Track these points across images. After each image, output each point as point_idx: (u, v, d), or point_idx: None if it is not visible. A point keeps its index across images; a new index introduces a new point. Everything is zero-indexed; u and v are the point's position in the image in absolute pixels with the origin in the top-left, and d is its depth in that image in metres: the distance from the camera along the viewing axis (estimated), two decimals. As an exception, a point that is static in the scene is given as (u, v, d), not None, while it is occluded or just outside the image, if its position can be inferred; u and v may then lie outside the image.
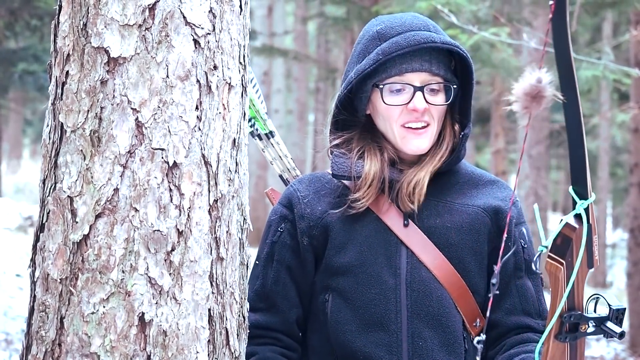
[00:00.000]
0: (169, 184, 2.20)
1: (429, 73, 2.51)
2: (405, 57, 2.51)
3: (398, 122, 2.54)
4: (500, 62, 9.75)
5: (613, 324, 2.14)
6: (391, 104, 2.53)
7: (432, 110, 2.53)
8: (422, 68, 2.51)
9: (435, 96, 2.54)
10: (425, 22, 2.56)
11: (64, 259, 2.20)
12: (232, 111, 2.31)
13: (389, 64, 2.52)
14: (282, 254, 2.61)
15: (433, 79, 2.52)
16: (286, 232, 2.61)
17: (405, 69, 2.51)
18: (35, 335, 2.25)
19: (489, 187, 2.64)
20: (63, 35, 2.25)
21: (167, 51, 2.20)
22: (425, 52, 2.51)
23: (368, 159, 2.57)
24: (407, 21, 2.56)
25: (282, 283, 2.60)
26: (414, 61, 2.51)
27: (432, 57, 2.52)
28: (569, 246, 2.05)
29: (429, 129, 2.54)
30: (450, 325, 2.52)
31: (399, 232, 2.54)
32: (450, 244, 2.54)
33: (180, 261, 2.21)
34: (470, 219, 2.56)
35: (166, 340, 2.19)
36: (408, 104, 2.51)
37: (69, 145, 2.21)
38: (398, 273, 2.52)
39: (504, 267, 2.56)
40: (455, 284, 2.53)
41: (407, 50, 2.48)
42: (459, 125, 2.61)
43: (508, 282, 2.58)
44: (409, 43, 2.49)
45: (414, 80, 2.51)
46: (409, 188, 2.54)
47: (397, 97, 2.53)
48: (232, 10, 2.31)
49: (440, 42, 2.49)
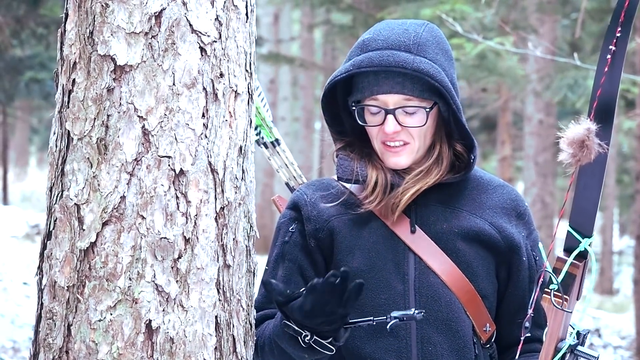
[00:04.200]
0: (175, 192, 2.20)
1: (401, 95, 2.50)
2: (378, 77, 2.48)
3: (378, 139, 2.54)
4: (506, 70, 9.75)
5: (586, 349, 2.21)
6: (367, 124, 2.54)
7: (409, 130, 2.52)
8: (392, 90, 2.48)
9: (411, 117, 2.51)
10: (410, 40, 2.50)
11: (71, 266, 2.21)
12: (238, 119, 2.32)
13: (364, 84, 2.51)
14: (294, 253, 2.59)
15: (407, 101, 2.50)
16: (297, 232, 2.60)
17: (376, 91, 2.49)
18: (42, 343, 2.25)
19: (498, 191, 2.62)
20: (70, 43, 2.25)
21: (173, 59, 2.21)
22: (397, 75, 2.48)
23: (370, 164, 2.57)
24: (393, 37, 2.51)
25: (293, 283, 2.57)
26: (385, 83, 2.48)
27: (406, 78, 2.48)
28: (573, 282, 2.09)
29: (408, 147, 2.52)
30: (459, 330, 2.52)
31: (406, 238, 2.54)
32: (458, 249, 2.54)
33: (187, 268, 2.21)
34: (478, 229, 2.55)
35: (173, 348, 2.20)
36: (382, 125, 2.51)
37: (76, 153, 2.22)
38: (406, 279, 2.52)
39: (519, 284, 2.58)
40: (464, 289, 2.52)
41: (375, 69, 2.46)
42: (464, 147, 2.58)
43: (523, 296, 2.57)
44: (380, 62, 2.46)
45: (388, 102, 2.49)
46: (397, 199, 2.53)
47: (373, 118, 2.52)
48: (238, 17, 2.31)
49: (411, 69, 2.44)
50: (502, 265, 2.57)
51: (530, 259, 2.58)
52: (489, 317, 2.56)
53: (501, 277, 2.58)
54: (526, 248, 2.58)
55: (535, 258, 2.59)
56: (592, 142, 1.90)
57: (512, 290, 2.58)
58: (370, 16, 12.21)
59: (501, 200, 2.61)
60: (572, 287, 2.12)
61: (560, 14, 13.50)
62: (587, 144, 1.89)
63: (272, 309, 2.55)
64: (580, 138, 1.90)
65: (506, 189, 2.64)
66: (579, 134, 1.90)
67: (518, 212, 2.61)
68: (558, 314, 2.17)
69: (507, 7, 10.94)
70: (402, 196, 2.52)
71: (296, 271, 2.58)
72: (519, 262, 2.56)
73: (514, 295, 2.58)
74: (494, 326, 2.57)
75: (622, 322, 14.25)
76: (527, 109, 15.15)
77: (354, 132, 2.62)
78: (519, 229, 2.59)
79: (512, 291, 2.58)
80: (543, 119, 14.71)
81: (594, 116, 1.93)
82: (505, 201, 2.61)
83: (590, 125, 1.89)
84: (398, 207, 2.52)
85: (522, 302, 2.57)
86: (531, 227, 2.63)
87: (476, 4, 9.34)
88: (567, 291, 2.12)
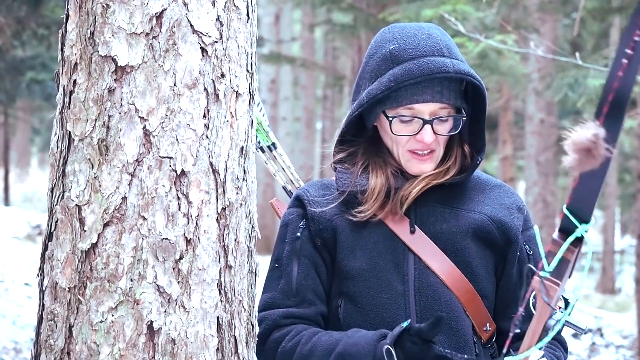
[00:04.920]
0: (177, 192, 2.20)
1: (439, 103, 2.50)
2: (417, 86, 2.49)
3: (406, 147, 2.55)
4: (507, 70, 9.75)
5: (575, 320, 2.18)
6: (399, 133, 2.54)
7: (438, 138, 2.53)
8: (433, 99, 2.49)
9: (443, 125, 2.53)
10: (439, 44, 2.52)
11: (72, 267, 2.20)
12: (239, 119, 2.31)
13: (401, 92, 2.50)
14: (308, 249, 2.60)
15: (443, 110, 2.51)
16: (307, 228, 2.61)
17: (416, 100, 2.49)
18: (44, 344, 2.25)
19: (495, 191, 2.64)
20: (70, 44, 2.25)
21: (174, 59, 2.20)
22: (437, 82, 2.49)
23: (373, 173, 2.57)
24: (422, 43, 2.52)
25: (311, 278, 2.58)
26: (425, 92, 2.49)
27: (444, 86, 2.50)
28: (567, 267, 2.06)
29: (434, 154, 2.56)
30: (460, 330, 2.52)
31: (406, 238, 2.55)
32: (457, 249, 2.55)
33: (189, 269, 2.21)
34: (477, 225, 2.56)
35: (175, 349, 2.19)
36: (416, 135, 2.51)
37: (77, 154, 2.21)
38: (406, 279, 2.53)
39: (509, 278, 2.59)
40: (464, 289, 2.53)
41: (419, 80, 2.47)
42: (469, 146, 2.60)
43: (514, 291, 2.59)
44: (422, 72, 2.46)
45: (424, 112, 2.50)
46: (406, 193, 2.54)
47: (406, 127, 2.53)
48: (239, 18, 2.31)
49: (454, 72, 2.46)
50: (500, 261, 2.58)
51: (522, 253, 2.60)
52: (489, 317, 2.57)
53: (497, 273, 2.60)
54: (520, 242, 2.60)
55: (529, 253, 2.61)
56: (600, 149, 1.87)
57: (503, 284, 2.60)
58: (371, 16, 12.22)
59: (499, 197, 2.63)
60: (564, 272, 2.08)
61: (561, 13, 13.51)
62: (594, 152, 1.86)
63: (298, 309, 2.57)
64: (588, 145, 1.87)
65: (504, 188, 2.68)
66: (586, 141, 1.86)
67: (518, 206, 2.63)
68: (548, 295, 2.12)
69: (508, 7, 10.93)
70: (413, 189, 2.54)
71: (311, 267, 2.60)
72: (512, 256, 2.59)
73: (506, 289, 2.61)
74: (494, 326, 2.59)
75: (624, 322, 14.24)
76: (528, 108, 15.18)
77: (367, 140, 2.63)
78: (519, 222, 2.60)
79: (503, 285, 2.60)
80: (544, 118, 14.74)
81: (604, 120, 1.89)
82: (503, 197, 2.64)
83: (598, 131, 1.85)
84: (407, 199, 2.54)
85: (514, 296, 2.59)
86: (529, 224, 2.65)
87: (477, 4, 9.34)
88: (560, 275, 2.08)
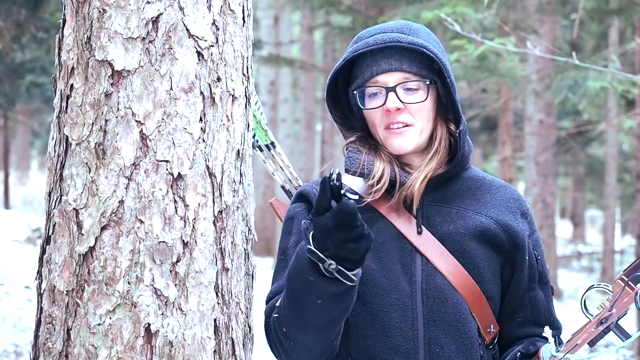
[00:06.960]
0: (173, 196, 2.21)
1: (401, 72, 2.52)
2: (375, 58, 2.53)
3: (381, 125, 2.56)
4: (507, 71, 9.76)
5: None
6: (369, 107, 2.56)
7: (411, 110, 2.53)
8: (391, 68, 2.52)
9: (412, 95, 2.54)
10: (403, 26, 2.59)
11: (70, 270, 2.21)
12: (235, 122, 2.32)
13: (363, 69, 2.55)
14: None
15: (407, 78, 2.53)
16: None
17: (375, 71, 2.53)
18: (42, 347, 2.26)
19: (501, 192, 2.65)
20: (67, 48, 2.26)
21: (170, 64, 2.21)
22: (395, 52, 2.53)
23: (378, 158, 2.58)
24: (386, 26, 2.60)
25: None
26: (382, 62, 2.53)
27: (404, 56, 2.53)
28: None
29: (411, 129, 2.55)
30: (466, 331, 2.53)
31: (413, 239, 2.54)
32: (465, 250, 2.55)
33: (186, 272, 2.22)
34: (483, 228, 2.57)
35: (172, 351, 2.20)
36: (383, 106, 2.53)
37: (74, 158, 2.22)
38: (414, 280, 2.53)
39: (519, 282, 2.60)
40: (470, 290, 2.53)
41: (373, 47, 2.51)
42: (454, 124, 2.61)
43: (522, 295, 2.59)
44: (375, 41, 2.52)
45: (388, 82, 2.53)
46: (408, 190, 2.55)
47: (374, 101, 2.55)
48: (235, 22, 2.32)
49: (406, 42, 2.51)
50: (506, 265, 2.59)
51: (531, 258, 2.60)
52: (494, 319, 2.58)
53: (505, 277, 2.60)
54: (528, 247, 2.60)
55: (537, 257, 2.61)
56: None
57: (513, 287, 2.60)
58: (370, 18, 12.23)
59: (505, 199, 2.63)
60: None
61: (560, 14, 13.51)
62: None
63: None
64: None
65: (509, 189, 2.67)
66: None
67: (522, 211, 2.63)
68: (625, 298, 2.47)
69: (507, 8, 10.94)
70: (413, 186, 2.54)
71: None
72: (521, 261, 2.58)
73: (515, 293, 2.60)
74: (497, 327, 2.59)
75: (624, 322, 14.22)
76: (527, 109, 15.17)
77: (364, 129, 2.64)
78: (524, 226, 2.61)
79: (513, 288, 2.60)
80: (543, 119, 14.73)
81: None
82: (509, 200, 2.64)
83: None
84: (413, 198, 2.54)
85: (521, 301, 2.59)
86: (533, 227, 2.65)
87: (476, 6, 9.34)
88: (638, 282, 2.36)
